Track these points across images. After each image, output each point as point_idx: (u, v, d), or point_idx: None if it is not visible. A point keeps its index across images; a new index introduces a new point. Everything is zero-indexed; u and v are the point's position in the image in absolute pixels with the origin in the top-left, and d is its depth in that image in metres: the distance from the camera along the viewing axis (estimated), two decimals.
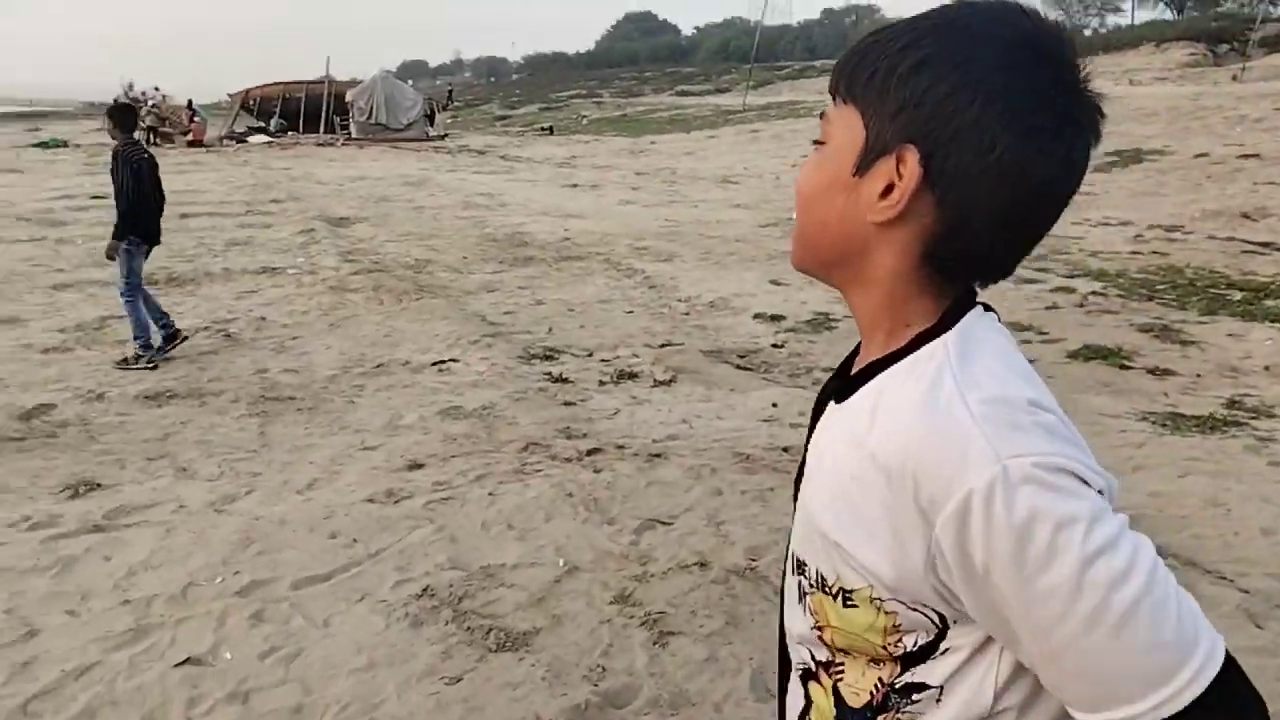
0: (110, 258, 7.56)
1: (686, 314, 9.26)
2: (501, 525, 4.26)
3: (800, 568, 0.97)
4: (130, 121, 7.80)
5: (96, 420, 6.10)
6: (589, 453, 5.27)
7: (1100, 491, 0.79)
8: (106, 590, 3.76)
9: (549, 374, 7.08)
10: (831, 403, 0.97)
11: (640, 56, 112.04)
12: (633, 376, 7.07)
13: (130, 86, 47.44)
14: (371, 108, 36.14)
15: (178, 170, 24.76)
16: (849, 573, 0.88)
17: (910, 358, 0.88)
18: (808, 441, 1.02)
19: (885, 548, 0.83)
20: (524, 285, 10.55)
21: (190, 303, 9.61)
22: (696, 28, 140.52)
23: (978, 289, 0.94)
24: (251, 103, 41.08)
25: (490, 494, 4.62)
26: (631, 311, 9.34)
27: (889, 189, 0.86)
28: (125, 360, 7.38)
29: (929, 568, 0.81)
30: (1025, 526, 0.75)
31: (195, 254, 12.45)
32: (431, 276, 11.06)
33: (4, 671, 3.21)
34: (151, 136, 34.14)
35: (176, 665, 3.23)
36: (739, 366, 7.36)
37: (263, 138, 35.78)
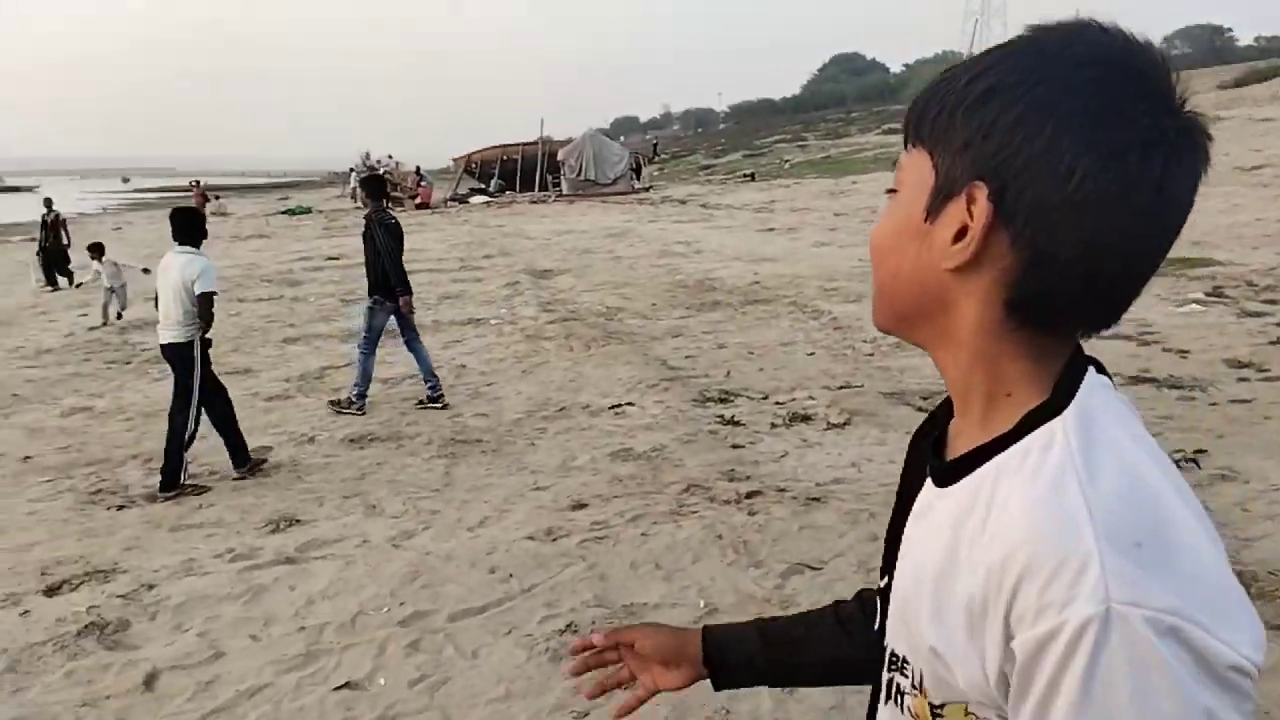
0: (411, 311, 8.13)
1: (870, 355, 9.08)
2: (650, 565, 4.34)
3: (899, 664, 0.87)
4: (380, 190, 8.60)
5: (305, 461, 6.66)
6: (747, 495, 5.27)
7: (1238, 670, 0.67)
8: (287, 617, 4.10)
9: (721, 417, 7.13)
10: (930, 483, 0.87)
11: (848, 97, 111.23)
12: (806, 419, 7.01)
13: (367, 155, 51.68)
14: (581, 165, 37.63)
15: (405, 231, 26.67)
16: (938, 683, 0.80)
17: (1022, 443, 0.77)
18: (900, 518, 0.92)
19: (965, 662, 0.76)
20: (708, 330, 10.67)
21: (401, 354, 10.30)
22: (906, 65, 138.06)
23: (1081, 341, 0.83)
24: (473, 166, 43.72)
25: (643, 534, 4.71)
26: (813, 353, 9.25)
27: (962, 232, 0.78)
28: (338, 402, 8.00)
29: (1000, 683, 0.73)
30: (1100, 684, 0.66)
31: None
32: (620, 323, 11.38)
33: (190, 689, 3.56)
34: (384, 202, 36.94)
35: (336, 689, 3.49)
36: (920, 409, 7.13)
37: (482, 198, 37.97)
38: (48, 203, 19.68)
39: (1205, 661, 0.66)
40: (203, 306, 6.16)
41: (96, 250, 14.60)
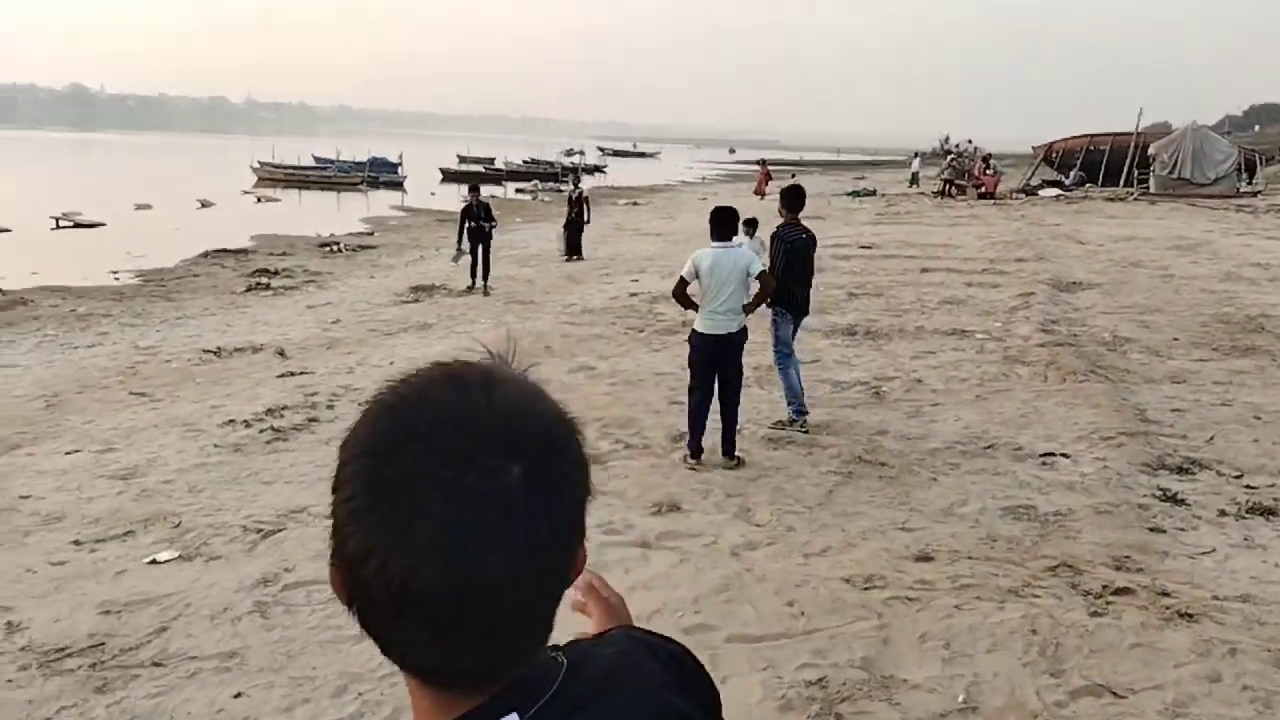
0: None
1: None
2: (940, 641, 4.14)
3: None
4: (796, 203, 8.18)
5: (710, 459, 7.16)
6: (1115, 591, 4.70)
7: None
8: None
9: (1163, 491, 6.29)
10: None
11: None
12: (1269, 513, 5.93)
13: (946, 139, 51.31)
14: (1176, 161, 33.67)
15: (951, 223, 26.28)
16: None
17: None
18: None
19: None
20: (1221, 380, 9.25)
21: (869, 357, 10.47)
22: None
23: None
24: (1053, 155, 41.33)
25: (957, 606, 4.47)
26: None
27: None
28: (780, 424, 7.97)
29: None
30: None
31: (907, 309, 13.34)
32: (1121, 357, 10.30)
33: None
34: (947, 188, 36.53)
35: None
36: None
37: (1053, 191, 35.78)
38: (575, 181, 21.53)
39: None
40: (764, 281, 6.99)
41: (751, 225, 13.57)
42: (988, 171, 36.24)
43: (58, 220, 27.18)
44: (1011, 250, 19.74)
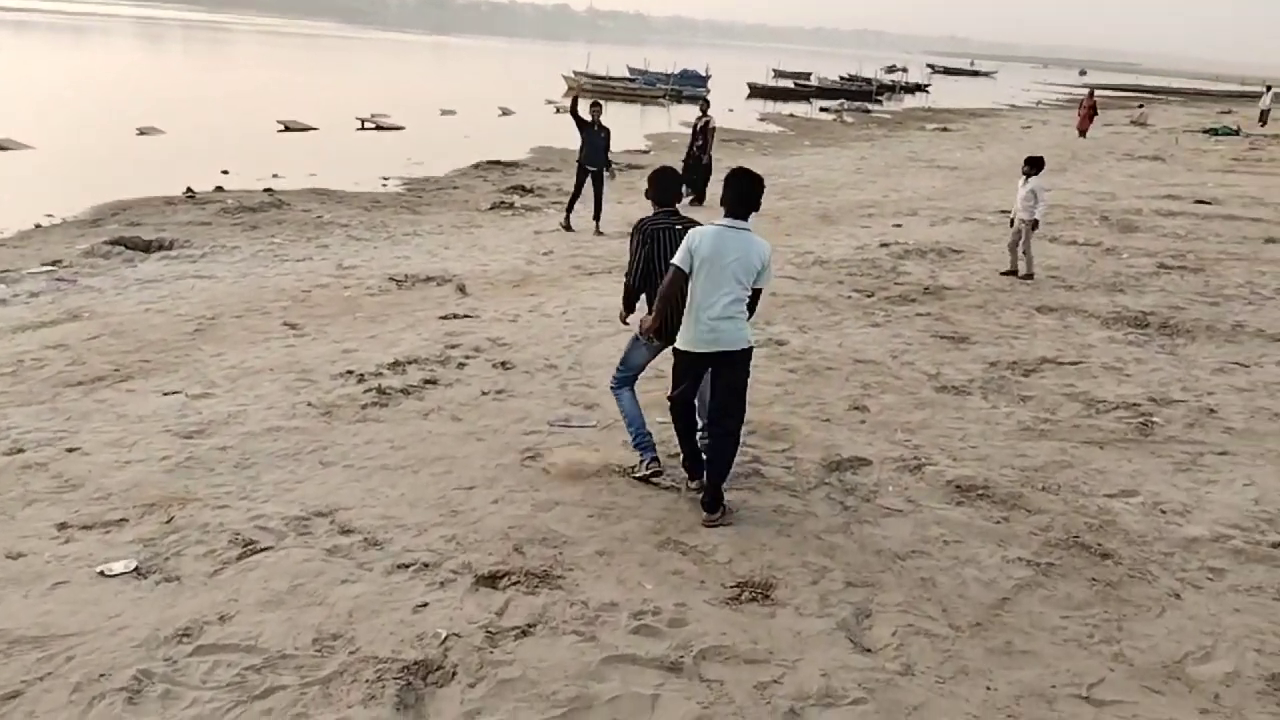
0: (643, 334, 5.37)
1: None
2: None
3: None
4: (663, 190, 5.54)
5: (886, 501, 5.31)
6: None
7: None
8: None
9: None
10: None
11: None
12: None
13: None
14: None
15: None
16: None
17: None
18: None
19: None
20: None
21: (1153, 364, 7.92)
22: None
23: None
24: None
25: None
26: None
27: None
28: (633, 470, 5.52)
29: None
30: None
31: (1229, 294, 10.39)
32: None
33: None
34: None
35: None
36: None
37: None
38: (703, 107, 16.66)
39: None
40: (755, 300, 5.03)
41: (1034, 165, 10.96)
42: None
43: (363, 122, 28.37)
44: None
